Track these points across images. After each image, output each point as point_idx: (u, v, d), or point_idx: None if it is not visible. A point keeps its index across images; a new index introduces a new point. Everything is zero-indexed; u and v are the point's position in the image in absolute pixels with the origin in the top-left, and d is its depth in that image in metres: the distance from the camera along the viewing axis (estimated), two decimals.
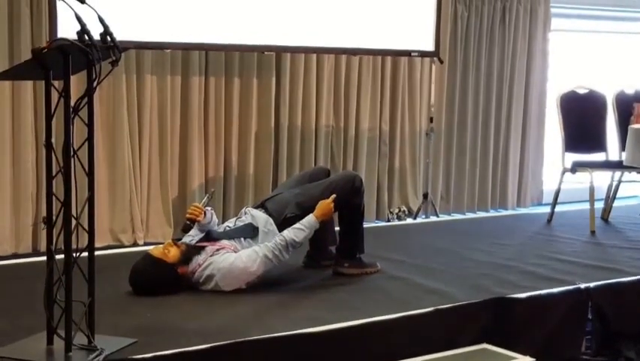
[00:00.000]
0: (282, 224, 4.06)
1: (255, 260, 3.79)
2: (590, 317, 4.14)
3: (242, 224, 4.08)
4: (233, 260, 3.78)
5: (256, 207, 4.23)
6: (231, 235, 4.00)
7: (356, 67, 6.39)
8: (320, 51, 6.04)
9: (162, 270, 3.78)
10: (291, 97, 6.13)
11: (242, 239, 3.98)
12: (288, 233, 3.89)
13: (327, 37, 5.83)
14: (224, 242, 3.94)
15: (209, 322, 3.43)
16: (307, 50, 5.97)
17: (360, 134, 6.47)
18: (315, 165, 6.14)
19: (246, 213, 4.16)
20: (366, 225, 4.47)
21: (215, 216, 4.25)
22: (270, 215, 4.11)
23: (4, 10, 5.07)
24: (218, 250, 3.88)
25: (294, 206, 4.12)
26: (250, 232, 4.01)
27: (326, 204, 3.99)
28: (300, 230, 3.90)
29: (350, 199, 4.20)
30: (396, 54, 6.39)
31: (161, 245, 3.89)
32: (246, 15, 5.48)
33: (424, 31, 6.22)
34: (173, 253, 3.82)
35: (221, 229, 4.13)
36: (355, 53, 6.17)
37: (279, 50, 5.88)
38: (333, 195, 4.02)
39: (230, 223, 4.17)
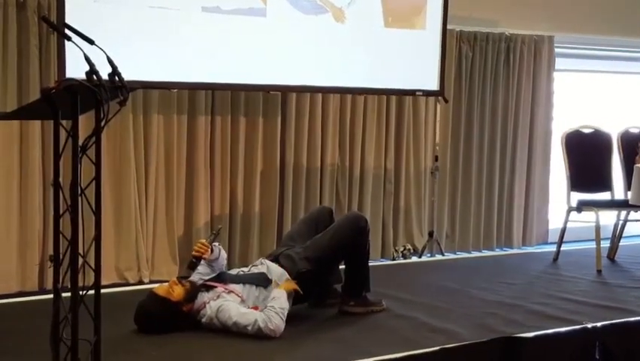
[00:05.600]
0: (297, 278, 4.09)
1: (252, 327, 3.75)
2: (597, 357, 4.12)
3: (257, 271, 4.10)
4: (232, 318, 3.78)
5: (271, 260, 4.26)
6: (244, 279, 4.02)
7: (361, 106, 6.42)
8: (325, 90, 6.07)
9: (167, 308, 3.79)
10: (296, 136, 6.16)
11: (254, 286, 3.99)
12: (273, 303, 3.86)
13: (332, 76, 5.88)
14: (234, 286, 3.95)
15: (215, 360, 3.42)
16: (312, 90, 6.01)
17: (365, 172, 6.48)
18: (320, 203, 6.14)
19: (262, 263, 4.19)
20: (371, 263, 4.47)
21: (223, 251, 4.28)
22: (284, 269, 4.15)
23: (14, 51, 5.12)
24: (228, 292, 3.89)
25: (304, 261, 4.16)
26: (263, 282, 4.04)
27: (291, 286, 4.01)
28: (279, 298, 3.88)
29: (356, 239, 4.21)
30: (401, 93, 6.42)
31: (166, 283, 3.90)
32: (252, 55, 5.53)
33: (428, 71, 6.25)
34: (177, 292, 3.83)
35: (234, 272, 4.16)
36: (360, 92, 6.20)
37: (285, 90, 5.92)
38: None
39: (245, 269, 4.21)
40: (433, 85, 6.30)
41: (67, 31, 2.80)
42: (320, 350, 3.62)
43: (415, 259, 6.52)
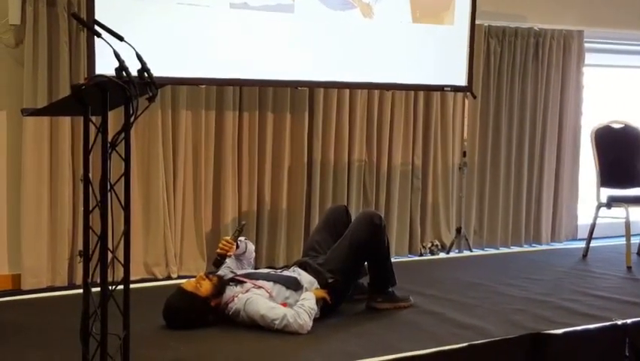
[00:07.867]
0: (325, 288, 4.11)
1: (279, 322, 3.74)
2: (627, 353, 4.08)
3: (288, 274, 4.12)
4: (260, 311, 3.77)
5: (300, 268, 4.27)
6: (275, 279, 4.03)
7: (389, 102, 6.40)
8: (353, 86, 6.06)
9: (195, 303, 3.80)
10: (323, 132, 6.16)
11: (284, 287, 3.99)
12: (303, 302, 3.88)
13: (360, 72, 5.87)
14: (264, 282, 3.96)
15: (243, 355, 3.43)
16: (340, 85, 6.00)
17: (392, 168, 6.47)
18: (347, 199, 6.15)
19: (294, 271, 4.20)
20: (398, 259, 4.47)
21: (250, 245, 4.31)
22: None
23: (44, 47, 5.17)
24: (257, 288, 3.91)
25: (328, 274, 4.17)
26: (294, 285, 4.03)
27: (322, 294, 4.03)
28: (309, 300, 3.89)
29: (373, 239, 4.21)
30: (429, 89, 6.40)
31: (194, 279, 3.92)
32: (280, 51, 5.54)
33: (456, 66, 6.23)
34: (205, 287, 3.84)
35: (264, 271, 4.18)
36: (388, 87, 6.18)
37: (312, 86, 5.92)
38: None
39: (277, 270, 4.24)
40: (461, 81, 6.27)
41: (96, 27, 2.82)
42: (346, 345, 3.62)
43: (442, 255, 6.50)
